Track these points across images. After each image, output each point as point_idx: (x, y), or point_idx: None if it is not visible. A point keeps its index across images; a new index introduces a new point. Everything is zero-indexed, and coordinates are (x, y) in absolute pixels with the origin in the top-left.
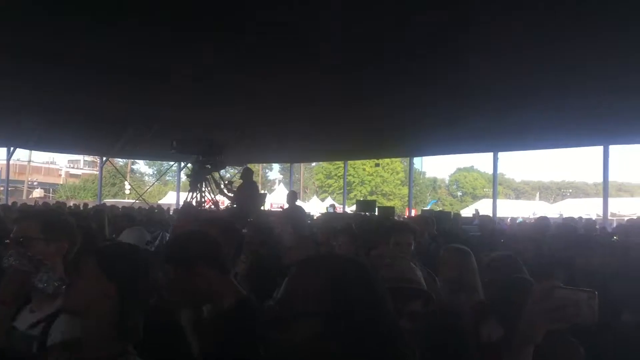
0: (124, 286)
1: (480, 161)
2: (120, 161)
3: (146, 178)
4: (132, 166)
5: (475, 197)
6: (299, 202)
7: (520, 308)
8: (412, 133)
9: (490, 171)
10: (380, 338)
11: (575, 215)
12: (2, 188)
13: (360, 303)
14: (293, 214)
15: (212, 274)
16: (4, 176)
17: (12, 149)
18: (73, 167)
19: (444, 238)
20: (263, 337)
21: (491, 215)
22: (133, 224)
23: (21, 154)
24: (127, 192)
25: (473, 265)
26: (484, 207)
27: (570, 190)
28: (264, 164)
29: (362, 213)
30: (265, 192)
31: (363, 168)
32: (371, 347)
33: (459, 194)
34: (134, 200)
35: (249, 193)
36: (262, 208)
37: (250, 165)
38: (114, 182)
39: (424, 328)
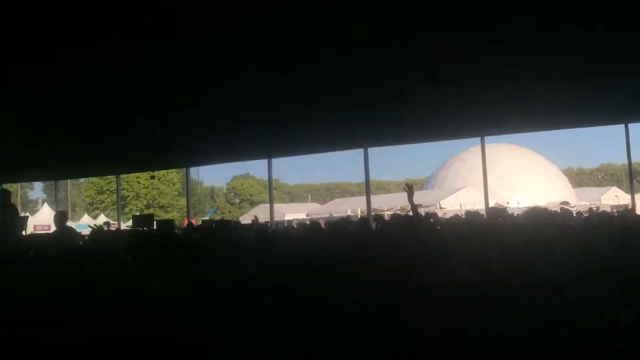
0: None
1: (256, 167)
2: None
3: None
4: None
5: (253, 203)
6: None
7: None
8: (186, 145)
9: (265, 177)
10: None
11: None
12: None
13: None
14: (63, 236)
15: None
16: None
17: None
18: None
19: None
20: None
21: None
22: None
23: None
24: None
25: None
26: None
27: (338, 191)
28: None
29: (140, 228)
30: (27, 214)
31: (137, 181)
32: None
33: (237, 201)
34: None
35: (4, 219)
36: (23, 232)
37: (7, 186)
38: None
39: None
